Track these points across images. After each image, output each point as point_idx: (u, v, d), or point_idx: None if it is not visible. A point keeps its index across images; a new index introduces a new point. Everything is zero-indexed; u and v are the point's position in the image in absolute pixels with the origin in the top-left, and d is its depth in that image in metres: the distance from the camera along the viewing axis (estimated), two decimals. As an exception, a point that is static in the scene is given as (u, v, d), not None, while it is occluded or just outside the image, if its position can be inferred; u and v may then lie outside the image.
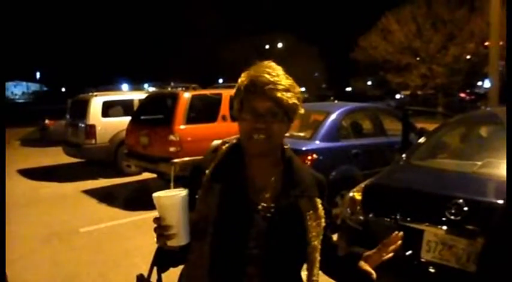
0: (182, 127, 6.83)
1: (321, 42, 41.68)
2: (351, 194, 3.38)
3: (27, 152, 13.20)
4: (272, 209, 1.27)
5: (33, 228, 5.87)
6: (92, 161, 9.45)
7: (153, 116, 7.86)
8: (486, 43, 17.60)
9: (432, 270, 2.64)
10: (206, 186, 1.28)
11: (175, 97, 7.19)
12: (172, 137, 6.71)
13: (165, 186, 1.25)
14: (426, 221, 2.73)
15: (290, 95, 1.23)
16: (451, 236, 2.59)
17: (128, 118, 8.27)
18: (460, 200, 2.59)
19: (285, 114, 1.25)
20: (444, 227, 2.62)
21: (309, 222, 1.29)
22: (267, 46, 43.91)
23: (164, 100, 7.91)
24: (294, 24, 44.47)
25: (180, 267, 1.34)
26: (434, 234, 2.66)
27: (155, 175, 7.90)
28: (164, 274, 1.33)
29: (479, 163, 3.05)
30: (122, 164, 9.01)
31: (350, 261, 1.38)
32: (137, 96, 9.88)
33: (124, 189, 8.20)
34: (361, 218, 3.13)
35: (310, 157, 5.18)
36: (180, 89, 7.60)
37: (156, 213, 1.19)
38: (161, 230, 1.17)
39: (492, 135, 3.90)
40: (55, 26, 51.30)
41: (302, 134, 5.77)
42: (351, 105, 6.65)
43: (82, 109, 9.23)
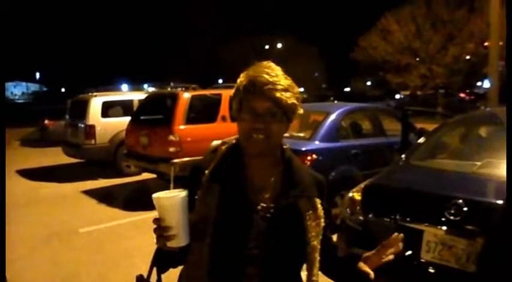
0: (182, 127, 6.83)
1: (321, 42, 41.72)
2: (351, 194, 3.38)
3: (26, 152, 13.20)
4: (271, 209, 1.27)
5: (32, 228, 5.87)
6: (92, 161, 9.45)
7: (153, 116, 7.85)
8: (486, 43, 17.63)
9: (432, 270, 2.65)
10: (205, 186, 1.28)
11: (175, 97, 7.19)
12: (172, 137, 6.71)
13: (165, 186, 1.25)
14: (426, 221, 2.73)
15: (289, 95, 1.23)
16: (451, 236, 2.59)
17: (128, 118, 8.26)
18: (460, 200, 2.59)
19: (284, 114, 1.25)
20: (444, 227, 2.62)
21: (308, 222, 1.29)
22: (267, 46, 43.90)
23: (164, 100, 7.90)
24: (294, 24, 44.54)
25: (180, 267, 1.34)
26: (434, 234, 2.67)
27: (155, 175, 7.89)
28: (164, 275, 1.33)
29: (478, 163, 3.05)
30: (122, 164, 9.01)
31: (349, 262, 1.38)
32: (137, 96, 9.88)
33: (124, 189, 8.19)
34: (360, 218, 3.13)
35: (309, 157, 5.18)
36: (180, 89, 7.59)
37: (156, 213, 1.18)
38: (161, 231, 1.17)
39: (492, 135, 3.90)
40: (55, 27, 51.37)
41: (302, 135, 5.78)
42: (351, 105, 6.65)
43: (82, 109, 9.23)
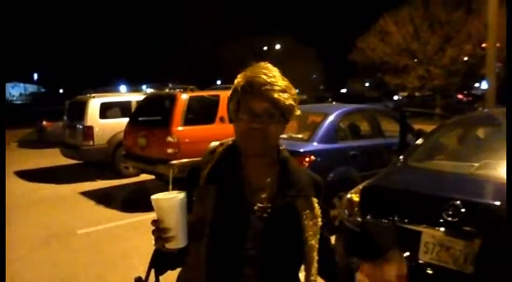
0: (180, 129, 6.83)
1: (319, 43, 41.72)
2: (349, 196, 3.38)
3: (24, 154, 13.18)
4: (268, 209, 1.27)
5: (31, 229, 5.86)
6: (90, 163, 9.43)
7: (151, 118, 7.84)
8: (483, 45, 17.65)
9: (430, 271, 2.65)
10: (202, 187, 1.28)
11: (173, 99, 7.19)
12: (170, 139, 6.70)
13: (163, 187, 1.25)
14: (424, 223, 2.74)
15: (287, 96, 1.23)
16: (449, 238, 2.59)
17: (126, 119, 8.26)
18: (458, 202, 2.60)
19: (282, 115, 1.25)
20: (442, 229, 2.63)
21: (306, 221, 1.29)
22: (265, 47, 43.91)
23: (162, 101, 7.90)
24: (292, 25, 44.47)
25: (178, 269, 1.34)
26: (432, 235, 2.67)
27: (153, 177, 7.89)
28: (162, 276, 1.33)
29: (476, 164, 3.05)
30: (120, 166, 9.01)
31: (346, 273, 1.37)
32: (135, 97, 9.88)
33: (122, 190, 8.18)
34: (358, 220, 3.13)
35: (307, 159, 5.18)
36: (178, 91, 7.60)
37: (154, 214, 1.18)
38: (159, 233, 1.17)
39: (489, 136, 3.91)
40: (53, 27, 51.23)
41: (300, 136, 5.78)
42: (349, 106, 6.66)
43: (80, 110, 9.22)
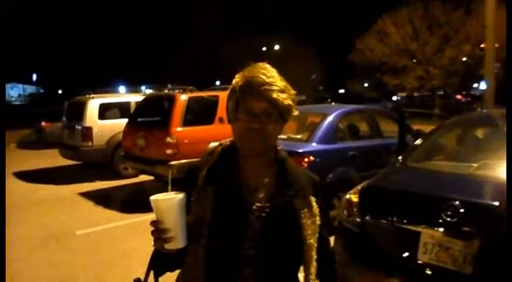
0: (179, 129, 6.83)
1: (318, 44, 41.71)
2: (348, 196, 3.38)
3: (23, 155, 13.17)
4: (267, 209, 1.27)
5: (30, 230, 5.86)
6: (89, 163, 9.43)
7: (150, 118, 7.84)
8: (482, 45, 17.67)
9: (429, 272, 2.65)
10: (200, 188, 1.28)
11: (172, 99, 7.19)
12: (169, 139, 6.70)
13: (162, 188, 1.25)
14: (423, 223, 2.74)
15: (285, 96, 1.24)
16: (448, 238, 2.60)
17: (125, 120, 8.25)
18: (456, 202, 2.60)
19: (280, 115, 1.26)
20: (441, 229, 2.63)
21: (304, 220, 1.29)
22: (264, 48, 43.91)
23: (161, 102, 7.90)
24: (292, 26, 44.46)
25: (177, 271, 1.34)
26: (431, 236, 2.67)
27: (152, 177, 7.88)
28: (161, 278, 1.33)
29: (475, 165, 3.05)
30: (119, 166, 9.00)
31: None
32: (134, 98, 9.88)
33: (121, 191, 8.18)
34: (357, 220, 3.13)
35: (306, 159, 5.19)
36: (177, 91, 7.60)
37: (153, 215, 1.18)
38: (159, 233, 1.17)
39: (488, 137, 3.91)
40: (52, 28, 51.09)
41: (299, 136, 5.78)
42: (348, 107, 6.66)
43: (79, 111, 9.21)
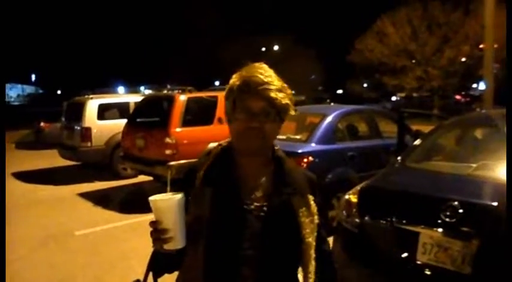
0: (178, 130, 6.82)
1: (318, 44, 41.73)
2: (347, 197, 3.38)
3: (22, 155, 13.15)
4: (265, 208, 1.27)
5: (29, 230, 5.85)
6: (88, 164, 9.42)
7: (149, 119, 7.84)
8: (481, 46, 17.68)
9: (428, 272, 2.65)
10: (198, 189, 1.28)
11: (171, 100, 7.19)
12: (168, 140, 6.70)
13: (161, 189, 1.25)
14: (422, 223, 2.74)
15: (283, 95, 1.25)
16: (447, 238, 2.60)
17: (124, 121, 8.25)
18: (455, 202, 2.60)
19: (277, 114, 1.26)
20: (439, 229, 2.63)
21: (302, 219, 1.29)
22: (263, 48, 43.91)
23: (160, 103, 7.90)
24: (291, 26, 44.50)
25: (176, 272, 1.34)
26: (429, 236, 2.67)
27: (151, 178, 7.88)
28: (160, 279, 1.33)
29: (474, 165, 3.05)
30: (118, 167, 9.00)
31: None
32: (133, 98, 9.88)
33: (120, 192, 8.18)
34: (356, 221, 3.13)
35: (306, 160, 5.19)
36: (176, 92, 7.60)
37: (152, 216, 1.18)
38: (158, 234, 1.17)
39: (487, 137, 3.92)
40: (51, 28, 51.03)
41: (298, 137, 5.79)
42: (347, 107, 6.66)
43: (78, 112, 9.21)
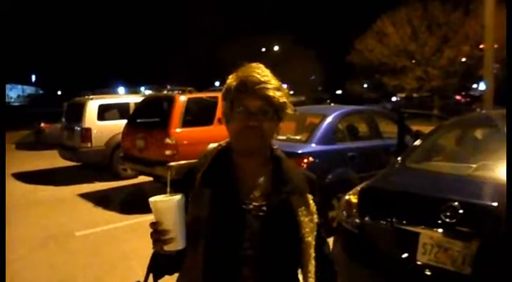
0: (178, 130, 6.83)
1: (318, 45, 41.73)
2: (347, 197, 3.38)
3: (22, 156, 13.16)
4: (264, 207, 1.27)
5: (29, 231, 5.86)
6: (88, 165, 9.42)
7: (149, 119, 7.84)
8: (481, 46, 17.68)
9: (428, 272, 2.65)
10: (197, 189, 1.28)
11: (171, 100, 7.19)
12: (168, 140, 6.70)
13: (161, 189, 1.26)
14: (422, 224, 2.74)
15: (280, 94, 1.26)
16: (447, 239, 2.60)
17: (124, 121, 8.25)
18: (455, 203, 2.60)
19: (275, 112, 1.27)
20: (440, 230, 2.63)
21: (302, 218, 1.29)
22: (263, 49, 43.91)
23: (160, 103, 7.90)
24: (291, 26, 44.51)
25: (176, 274, 1.34)
26: (430, 236, 2.67)
27: (151, 178, 7.88)
28: (160, 280, 1.33)
29: (474, 166, 3.05)
30: (118, 168, 9.00)
31: None
32: (133, 99, 9.89)
33: (120, 192, 8.18)
34: (357, 221, 3.13)
35: (306, 160, 5.19)
36: (176, 92, 7.60)
37: (152, 216, 1.18)
38: (158, 235, 1.17)
39: (487, 137, 3.91)
40: (51, 29, 51.00)
41: (298, 137, 5.79)
42: (347, 108, 6.66)
43: (78, 112, 9.21)
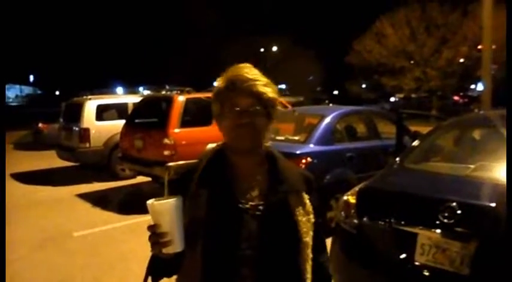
0: (177, 131, 6.82)
1: (317, 45, 41.70)
2: (345, 198, 3.38)
3: (20, 156, 13.14)
4: (260, 207, 1.27)
5: (28, 232, 5.84)
6: (86, 165, 9.41)
7: (148, 120, 7.84)
8: (479, 47, 17.73)
9: (426, 273, 2.65)
10: (194, 190, 1.28)
11: (169, 100, 7.18)
12: (166, 141, 6.69)
13: (160, 189, 1.25)
14: (420, 224, 2.74)
15: (270, 90, 1.28)
16: (445, 239, 2.60)
17: (122, 121, 8.24)
18: (453, 203, 2.60)
19: (265, 108, 1.28)
20: (438, 230, 2.63)
21: (299, 217, 1.29)
22: (262, 49, 43.90)
23: (159, 103, 7.89)
24: (291, 26, 44.48)
25: (175, 276, 1.34)
26: (428, 237, 2.67)
27: (150, 179, 7.88)
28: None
29: (472, 166, 3.06)
30: (116, 168, 8.99)
31: None
32: (131, 99, 9.87)
33: (118, 192, 8.17)
34: (355, 222, 3.13)
35: (304, 160, 5.19)
36: (175, 93, 7.59)
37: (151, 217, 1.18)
38: (156, 238, 1.16)
39: (485, 138, 3.92)
40: (49, 28, 50.89)
41: (296, 138, 5.80)
42: (345, 108, 6.67)
43: (76, 112, 9.20)
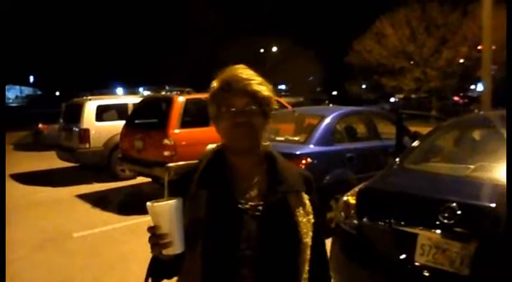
0: (177, 131, 6.82)
1: (317, 45, 41.69)
2: (345, 198, 3.38)
3: (20, 157, 13.14)
4: (260, 207, 1.27)
5: (28, 232, 5.84)
6: (86, 166, 9.41)
7: (148, 120, 7.84)
8: (479, 47, 17.73)
9: (426, 274, 2.65)
10: (194, 191, 1.28)
11: (169, 101, 7.18)
12: (166, 141, 6.69)
13: (160, 190, 1.25)
14: (420, 225, 2.74)
15: (265, 88, 1.29)
16: (445, 240, 2.60)
17: (122, 122, 8.24)
18: (453, 204, 2.60)
19: (261, 107, 1.28)
20: (438, 231, 2.63)
21: (299, 218, 1.29)
22: (262, 50, 43.90)
23: (158, 104, 7.89)
24: (290, 27, 44.47)
25: (175, 278, 1.34)
26: (428, 237, 2.67)
27: (149, 179, 7.88)
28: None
29: (472, 167, 3.06)
30: (116, 168, 8.99)
31: None
32: (131, 100, 9.87)
33: (118, 193, 8.17)
34: (355, 222, 3.13)
35: (304, 161, 5.19)
36: (175, 93, 7.59)
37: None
38: (156, 239, 1.16)
39: (485, 138, 3.92)
40: (49, 29, 50.88)
41: (296, 138, 5.80)
42: (345, 109, 6.67)
43: (76, 113, 9.20)
